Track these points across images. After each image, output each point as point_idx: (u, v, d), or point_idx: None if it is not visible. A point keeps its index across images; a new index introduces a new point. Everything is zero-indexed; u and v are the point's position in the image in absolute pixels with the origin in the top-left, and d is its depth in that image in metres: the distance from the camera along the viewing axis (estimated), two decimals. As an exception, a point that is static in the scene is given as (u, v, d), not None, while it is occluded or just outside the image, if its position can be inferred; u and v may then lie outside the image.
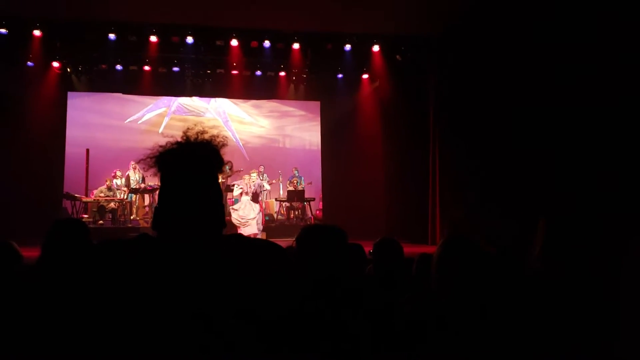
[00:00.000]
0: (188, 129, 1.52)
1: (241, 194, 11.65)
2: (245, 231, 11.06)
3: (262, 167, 13.11)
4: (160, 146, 1.47)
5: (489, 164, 8.71)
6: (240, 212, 11.46)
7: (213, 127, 1.57)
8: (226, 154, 1.54)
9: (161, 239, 1.41)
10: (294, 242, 2.24)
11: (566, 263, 2.25)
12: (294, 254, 2.13)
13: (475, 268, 2.34)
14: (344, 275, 2.21)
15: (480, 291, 2.25)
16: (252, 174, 12.17)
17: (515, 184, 7.75)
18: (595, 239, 2.29)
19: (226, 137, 1.59)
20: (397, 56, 11.59)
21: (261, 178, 12.72)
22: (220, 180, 1.63)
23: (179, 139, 1.49)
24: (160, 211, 1.44)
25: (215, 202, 1.48)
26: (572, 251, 2.23)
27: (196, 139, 1.50)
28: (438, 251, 2.64)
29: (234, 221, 11.32)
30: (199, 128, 1.53)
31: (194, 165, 1.46)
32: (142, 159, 1.48)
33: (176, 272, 1.33)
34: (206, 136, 1.51)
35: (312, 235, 2.14)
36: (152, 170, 1.47)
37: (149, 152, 1.47)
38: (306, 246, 2.13)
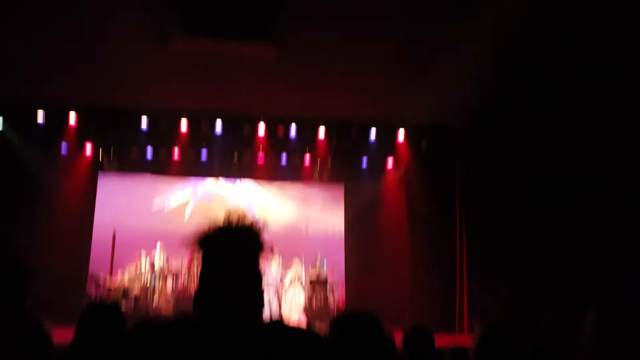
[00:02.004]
0: (230, 212, 1.53)
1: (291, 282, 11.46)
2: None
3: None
4: (203, 229, 1.48)
5: (520, 252, 8.58)
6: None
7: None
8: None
9: (200, 322, 1.39)
10: (328, 332, 2.17)
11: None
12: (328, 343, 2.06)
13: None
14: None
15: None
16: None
17: (552, 271, 7.58)
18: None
19: (267, 222, 1.59)
20: (422, 145, 11.75)
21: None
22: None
23: (221, 223, 1.50)
24: (200, 293, 1.43)
25: (256, 286, 1.47)
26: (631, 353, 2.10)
27: (238, 222, 1.50)
28: (476, 349, 2.54)
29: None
30: (240, 212, 1.55)
31: (235, 248, 1.46)
32: (185, 242, 1.49)
33: (214, 357, 1.30)
34: (247, 221, 1.52)
35: (348, 326, 2.07)
36: (192, 252, 1.48)
37: (192, 234, 1.48)
38: (341, 337, 2.06)
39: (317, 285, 12.37)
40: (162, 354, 1.30)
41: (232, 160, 12.92)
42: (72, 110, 10.69)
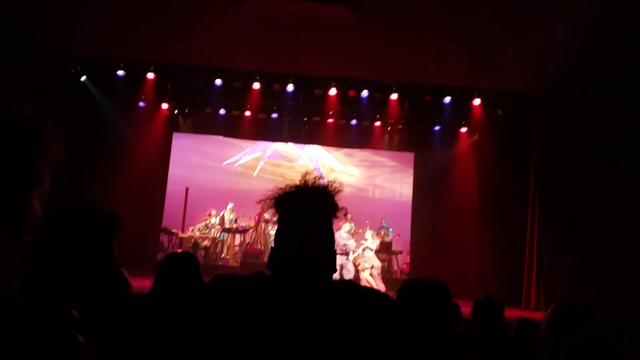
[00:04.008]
0: (307, 173, 1.55)
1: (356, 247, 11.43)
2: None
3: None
4: (280, 188, 1.51)
5: (595, 227, 8.26)
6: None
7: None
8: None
9: (274, 279, 1.42)
10: (395, 295, 2.18)
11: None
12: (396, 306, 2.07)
13: (588, 342, 2.19)
14: (447, 333, 2.13)
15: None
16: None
17: (627, 249, 7.28)
18: None
19: (342, 183, 1.60)
20: (499, 111, 11.40)
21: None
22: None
23: (298, 183, 1.52)
24: (275, 251, 1.47)
25: (328, 246, 1.49)
26: None
27: (314, 183, 1.52)
28: (547, 320, 2.49)
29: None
30: (315, 174, 1.57)
31: (310, 208, 1.48)
32: (262, 199, 1.52)
33: (286, 313, 1.34)
34: (322, 183, 1.54)
35: (418, 290, 2.08)
36: (271, 211, 1.52)
37: (269, 193, 1.51)
38: (410, 300, 2.07)
39: (381, 251, 12.42)
40: (238, 306, 1.35)
41: (302, 124, 13.00)
42: (149, 70, 10.98)
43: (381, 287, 10.70)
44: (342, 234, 10.52)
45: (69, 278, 1.18)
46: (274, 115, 12.68)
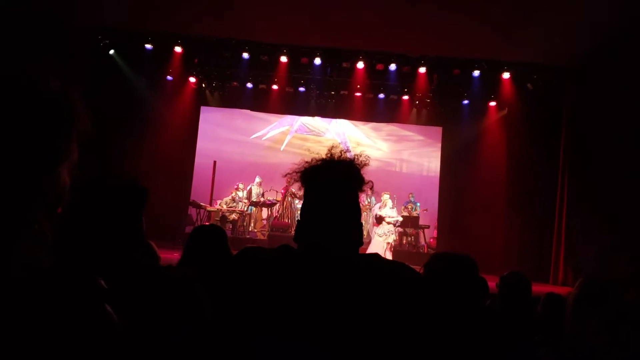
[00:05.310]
0: (333, 147, 1.54)
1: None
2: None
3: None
4: (306, 162, 1.51)
5: (626, 204, 8.10)
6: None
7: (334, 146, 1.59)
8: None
9: (301, 252, 1.43)
10: (422, 269, 2.18)
11: None
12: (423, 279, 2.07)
13: (618, 317, 2.16)
14: (473, 308, 2.12)
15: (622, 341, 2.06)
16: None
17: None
18: None
19: (368, 157, 1.59)
20: (529, 84, 11.17)
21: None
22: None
23: (324, 157, 1.52)
24: (301, 225, 1.47)
25: (355, 219, 1.49)
26: None
27: (340, 157, 1.51)
28: (576, 295, 2.46)
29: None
30: (342, 148, 1.56)
31: (336, 182, 1.48)
32: (288, 173, 1.52)
33: (312, 287, 1.34)
34: (349, 155, 1.53)
35: (444, 265, 2.07)
36: (297, 184, 1.51)
37: (295, 166, 1.51)
38: (436, 275, 2.07)
39: (408, 225, 12.39)
40: (265, 279, 1.36)
41: (329, 98, 12.94)
42: (177, 44, 11.00)
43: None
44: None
45: (97, 249, 1.20)
46: (301, 89, 12.65)
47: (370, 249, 10.63)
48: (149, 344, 1.16)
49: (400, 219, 11.07)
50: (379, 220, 10.40)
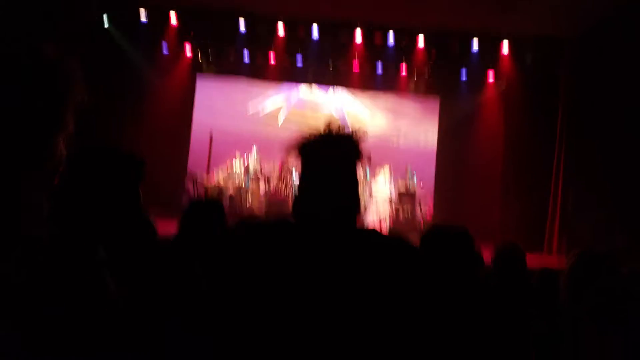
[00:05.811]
0: (330, 120, 1.54)
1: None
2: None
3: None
4: (304, 136, 1.50)
5: (621, 177, 8.13)
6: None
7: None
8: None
9: (298, 226, 1.43)
10: (419, 243, 2.18)
11: None
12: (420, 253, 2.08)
13: (614, 289, 2.19)
14: (469, 282, 2.13)
15: (618, 312, 2.09)
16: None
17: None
18: None
19: (366, 132, 1.59)
20: (528, 57, 11.12)
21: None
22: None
23: (321, 130, 1.51)
24: (299, 199, 1.47)
25: (353, 193, 1.49)
26: None
27: (338, 131, 1.51)
28: (572, 267, 2.48)
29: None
30: (339, 121, 1.55)
31: (334, 155, 1.47)
32: (285, 147, 1.52)
33: (310, 260, 1.35)
34: (346, 129, 1.53)
35: (441, 239, 2.08)
36: (294, 158, 1.51)
37: (292, 140, 1.50)
38: (433, 249, 2.07)
39: (405, 197, 12.36)
40: (263, 250, 1.36)
41: (327, 67, 12.84)
42: (172, 9, 10.87)
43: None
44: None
45: (94, 220, 1.20)
46: (299, 60, 12.53)
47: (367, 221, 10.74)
48: (145, 315, 1.16)
49: (389, 193, 11.15)
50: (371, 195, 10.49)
